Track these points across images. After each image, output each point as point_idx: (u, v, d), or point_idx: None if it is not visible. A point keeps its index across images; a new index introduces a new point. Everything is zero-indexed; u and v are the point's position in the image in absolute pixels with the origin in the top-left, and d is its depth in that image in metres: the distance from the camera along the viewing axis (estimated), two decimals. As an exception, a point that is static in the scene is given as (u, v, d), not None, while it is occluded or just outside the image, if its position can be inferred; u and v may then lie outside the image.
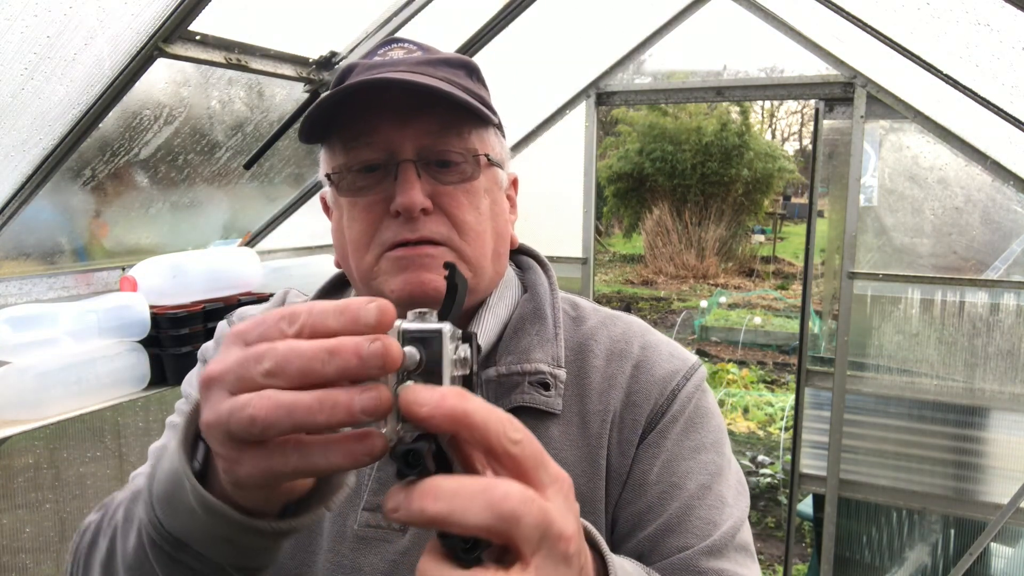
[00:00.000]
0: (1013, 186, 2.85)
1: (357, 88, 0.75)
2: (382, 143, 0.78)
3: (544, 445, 0.79)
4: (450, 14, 2.49)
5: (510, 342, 0.86)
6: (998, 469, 2.99)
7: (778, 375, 9.31)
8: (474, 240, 0.81)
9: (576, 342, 0.89)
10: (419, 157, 0.79)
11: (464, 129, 0.81)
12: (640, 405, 0.84)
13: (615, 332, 0.90)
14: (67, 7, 1.46)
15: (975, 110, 2.45)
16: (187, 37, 1.76)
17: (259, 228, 2.83)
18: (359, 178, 0.80)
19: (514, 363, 0.83)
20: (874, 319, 3.12)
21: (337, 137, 0.81)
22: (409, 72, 0.79)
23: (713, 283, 15.69)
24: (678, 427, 0.84)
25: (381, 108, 0.78)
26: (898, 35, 2.39)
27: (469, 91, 0.82)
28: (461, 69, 0.86)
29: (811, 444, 3.34)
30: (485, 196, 0.83)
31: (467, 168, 0.81)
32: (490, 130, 0.85)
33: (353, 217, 0.81)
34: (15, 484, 2.25)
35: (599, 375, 0.86)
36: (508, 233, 0.89)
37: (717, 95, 3.39)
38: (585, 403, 0.84)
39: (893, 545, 3.26)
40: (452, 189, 0.80)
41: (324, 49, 2.23)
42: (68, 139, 1.78)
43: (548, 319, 0.88)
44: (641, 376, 0.86)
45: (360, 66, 0.85)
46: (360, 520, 0.79)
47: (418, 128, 0.78)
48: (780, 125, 29.85)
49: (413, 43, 0.88)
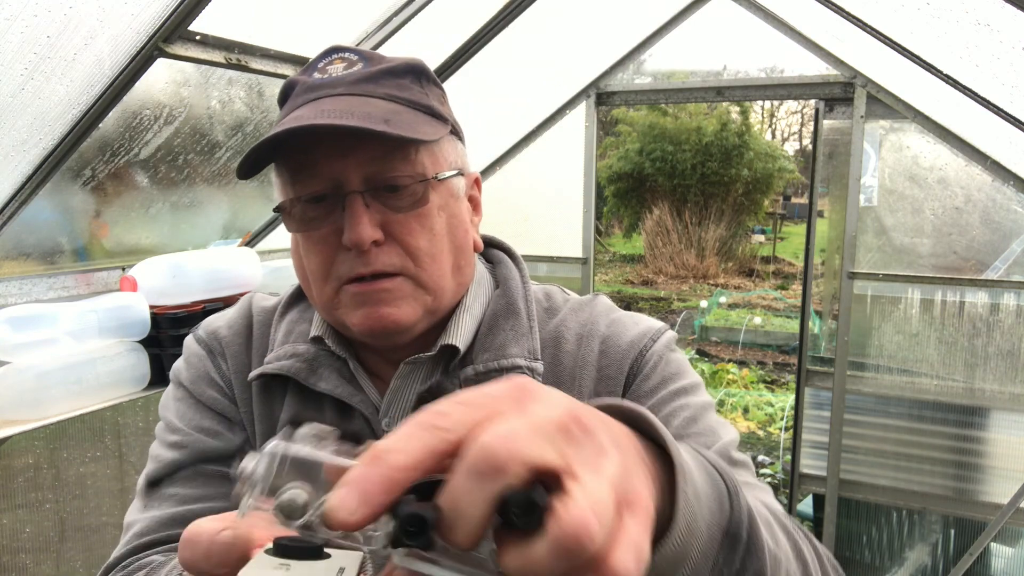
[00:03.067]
0: (1013, 186, 2.85)
1: (287, 135, 0.73)
2: (326, 174, 0.77)
3: None
4: (450, 14, 2.49)
5: (485, 339, 0.85)
6: (998, 469, 2.99)
7: (778, 375, 9.31)
8: (430, 264, 0.80)
9: (549, 333, 0.88)
10: (366, 186, 0.77)
11: (410, 151, 0.78)
12: (614, 377, 0.84)
13: (583, 316, 0.90)
14: (67, 7, 1.46)
15: (975, 110, 2.45)
16: (187, 37, 1.76)
17: (259, 228, 2.83)
18: (308, 209, 0.79)
19: (491, 360, 0.83)
20: (874, 319, 3.12)
21: (284, 167, 0.80)
22: (347, 96, 0.77)
23: (713, 283, 15.69)
24: (652, 382, 0.83)
25: (320, 139, 0.76)
26: (898, 35, 2.39)
27: (413, 102, 0.80)
28: (406, 76, 0.82)
29: (811, 444, 3.34)
30: (440, 214, 0.81)
31: (417, 190, 0.78)
32: (441, 141, 0.82)
33: (308, 250, 0.80)
34: (15, 484, 2.25)
35: (570, 359, 0.86)
36: (469, 242, 0.87)
37: (717, 95, 3.39)
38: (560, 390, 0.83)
39: (893, 545, 3.26)
40: (403, 217, 0.78)
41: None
42: (68, 139, 1.78)
43: (522, 313, 0.88)
44: (609, 350, 0.86)
45: (300, 85, 0.82)
46: None
47: (361, 156, 0.76)
48: (780, 125, 29.85)
49: (355, 52, 0.84)
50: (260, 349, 0.90)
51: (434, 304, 0.82)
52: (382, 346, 0.84)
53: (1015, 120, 2.34)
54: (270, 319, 0.93)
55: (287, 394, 0.86)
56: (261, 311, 0.95)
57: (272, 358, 0.87)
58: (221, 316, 0.96)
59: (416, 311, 0.80)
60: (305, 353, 0.86)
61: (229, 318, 0.95)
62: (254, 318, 0.94)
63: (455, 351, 0.84)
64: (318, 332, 0.87)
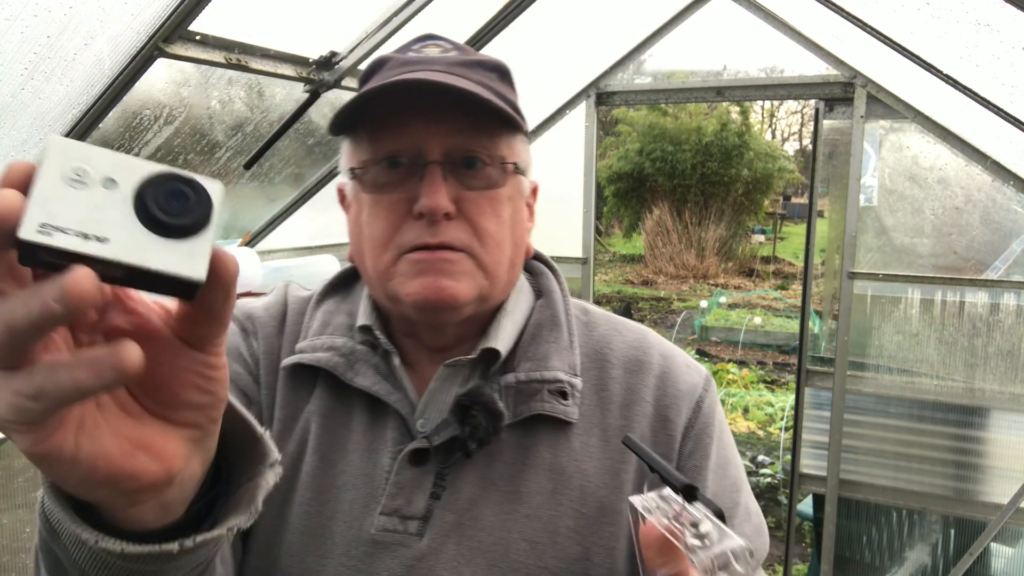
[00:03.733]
0: (1013, 186, 2.85)
1: (391, 87, 0.74)
2: (410, 140, 0.77)
3: (564, 455, 0.81)
4: (450, 14, 2.49)
5: (528, 348, 0.85)
6: (998, 469, 2.99)
7: (778, 375, 9.31)
8: (493, 249, 0.80)
9: (591, 349, 0.88)
10: (446, 159, 0.77)
11: (494, 133, 0.79)
12: (672, 420, 0.84)
13: (630, 339, 0.90)
14: (67, 7, 1.46)
15: (975, 110, 2.45)
16: (187, 37, 1.76)
17: (259, 228, 2.83)
18: (383, 173, 0.79)
19: (533, 370, 0.83)
20: (874, 319, 3.12)
21: (364, 131, 0.80)
22: (443, 72, 0.77)
23: (713, 283, 15.69)
24: (710, 442, 0.85)
25: (412, 106, 0.77)
26: (898, 35, 2.39)
27: (501, 96, 0.81)
28: (494, 72, 0.84)
29: (811, 444, 3.34)
30: (508, 204, 0.81)
31: (493, 174, 0.79)
32: (518, 137, 0.84)
33: (374, 215, 0.79)
34: (15, 484, 2.25)
35: (619, 387, 0.86)
36: (525, 243, 0.88)
37: (717, 95, 3.39)
38: (606, 416, 0.84)
39: (893, 545, 3.26)
40: (476, 195, 0.79)
41: (324, 49, 2.22)
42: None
43: (563, 326, 0.88)
44: (668, 390, 0.86)
45: (393, 60, 0.83)
46: (377, 524, 0.78)
47: (448, 129, 0.77)
48: (780, 125, 29.86)
49: (449, 41, 0.86)
50: (292, 336, 0.89)
51: (488, 290, 0.81)
52: (430, 323, 0.82)
53: (1015, 120, 2.34)
54: (304, 308, 0.92)
55: (317, 386, 0.85)
56: (296, 300, 0.94)
57: (307, 347, 0.86)
58: (257, 300, 0.96)
59: (472, 290, 0.79)
60: (342, 347, 0.85)
61: (266, 302, 0.94)
62: (289, 306, 0.93)
63: (495, 356, 0.83)
64: (367, 321, 0.86)
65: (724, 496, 0.85)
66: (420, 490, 0.79)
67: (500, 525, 0.78)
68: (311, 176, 2.75)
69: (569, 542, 0.79)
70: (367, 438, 0.82)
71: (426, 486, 0.79)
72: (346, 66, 2.24)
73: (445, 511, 0.78)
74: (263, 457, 0.56)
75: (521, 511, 0.79)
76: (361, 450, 0.82)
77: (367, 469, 0.81)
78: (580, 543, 0.79)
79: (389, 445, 0.81)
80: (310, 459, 0.82)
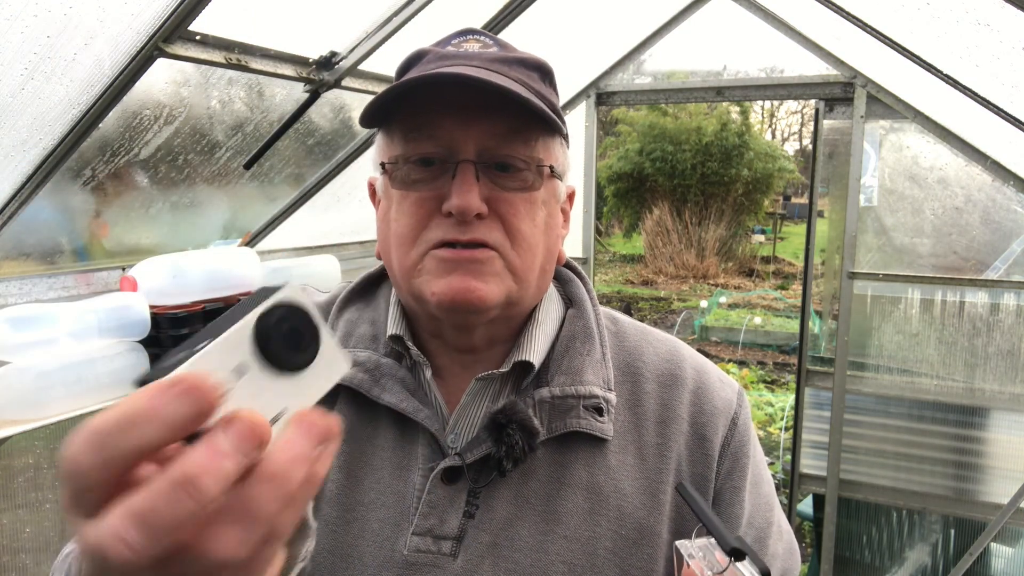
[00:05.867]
0: (1013, 186, 2.85)
1: (428, 80, 0.71)
2: (444, 138, 0.75)
3: (601, 473, 0.79)
4: (450, 14, 2.49)
5: (561, 361, 0.82)
6: (998, 469, 2.99)
7: (778, 375, 9.31)
8: (526, 251, 0.77)
9: (622, 361, 0.86)
10: (480, 159, 0.74)
11: (532, 135, 0.76)
12: (710, 439, 0.82)
13: (662, 351, 0.88)
14: (67, 7, 1.46)
15: (975, 110, 2.45)
16: (187, 37, 1.76)
17: (259, 228, 2.83)
18: (414, 170, 0.76)
19: (568, 384, 0.79)
20: (874, 319, 3.12)
21: (398, 126, 0.78)
22: (483, 69, 0.75)
23: (713, 283, 15.68)
24: (747, 462, 0.84)
25: (448, 102, 0.74)
26: (898, 35, 2.39)
27: (541, 96, 0.79)
28: (536, 71, 0.81)
29: (811, 444, 3.34)
30: (542, 208, 0.79)
31: (529, 176, 0.77)
32: (556, 139, 0.81)
33: (402, 210, 0.77)
34: (15, 484, 2.25)
35: (653, 402, 0.83)
36: (557, 250, 0.84)
37: (717, 95, 3.39)
38: (641, 433, 0.82)
39: (893, 545, 3.26)
40: (510, 196, 0.76)
41: (324, 49, 2.22)
42: (68, 139, 1.78)
43: (596, 339, 0.85)
44: (704, 406, 0.84)
45: (432, 53, 0.81)
46: (410, 545, 0.75)
47: (483, 129, 0.74)
48: (780, 125, 29.86)
49: (489, 37, 0.84)
50: None
51: (517, 294, 0.78)
52: (455, 324, 0.79)
53: (1015, 120, 2.34)
54: (325, 314, 0.88)
55: (338, 401, 0.82)
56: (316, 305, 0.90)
57: None
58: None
59: (500, 293, 0.76)
60: (367, 362, 0.81)
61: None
62: None
63: (527, 369, 0.81)
64: (397, 330, 0.82)
65: (758, 516, 0.84)
66: (453, 509, 0.76)
67: (537, 546, 0.75)
68: (311, 176, 2.75)
69: (607, 565, 0.76)
70: (396, 454, 0.79)
71: (459, 505, 0.76)
72: (346, 66, 2.24)
73: (479, 531, 0.76)
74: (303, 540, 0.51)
75: (559, 532, 0.76)
76: (390, 467, 0.79)
77: (397, 487, 0.78)
78: (618, 565, 0.76)
79: (420, 462, 0.78)
80: (334, 476, 0.79)
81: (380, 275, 0.92)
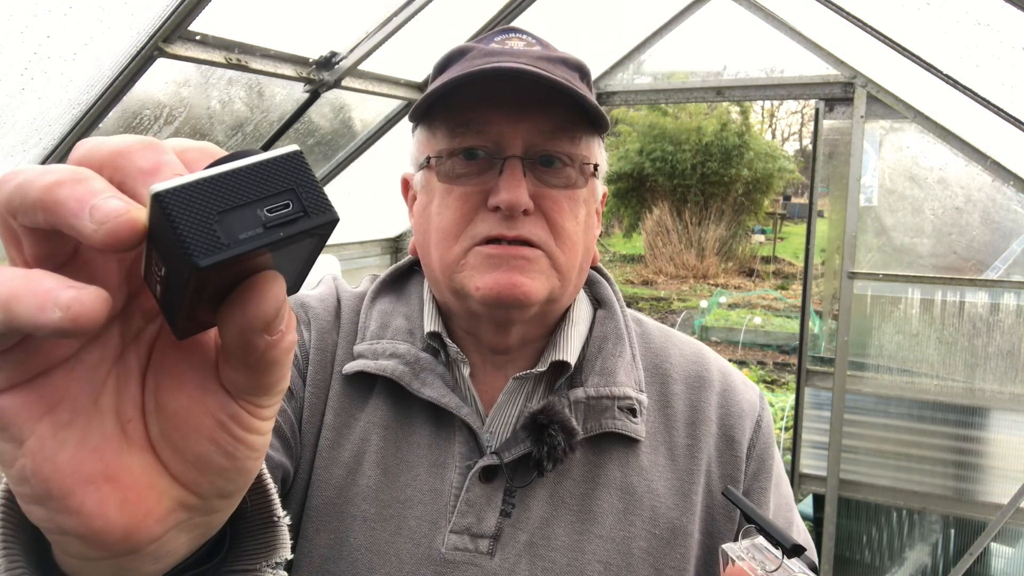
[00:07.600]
0: (1013, 186, 2.85)
1: (493, 72, 0.71)
2: (492, 133, 0.75)
3: (635, 474, 0.80)
4: (450, 15, 2.49)
5: (595, 362, 0.82)
6: (998, 469, 2.99)
7: (778, 375, 9.31)
8: (569, 249, 0.77)
9: (650, 363, 0.87)
10: (527, 155, 0.75)
11: (577, 133, 0.77)
12: (739, 441, 0.84)
13: (687, 352, 0.89)
14: (67, 7, 1.46)
15: (975, 110, 2.45)
16: (187, 37, 1.76)
17: (259, 228, 2.83)
18: (460, 164, 0.76)
19: (602, 385, 0.80)
20: (874, 319, 3.12)
21: (442, 121, 0.77)
22: (530, 66, 0.74)
23: (713, 283, 15.68)
24: (771, 463, 0.85)
25: (496, 98, 0.74)
26: (898, 35, 2.39)
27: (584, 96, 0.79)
28: (576, 71, 0.81)
29: (811, 444, 3.34)
30: (584, 206, 0.79)
31: (573, 174, 0.77)
32: (597, 139, 0.82)
33: (446, 205, 0.76)
34: (15, 484, 2.25)
35: (682, 403, 0.84)
36: (593, 249, 0.85)
37: (717, 95, 3.39)
38: (672, 433, 0.83)
39: (893, 545, 3.26)
40: (555, 193, 0.76)
41: (324, 49, 2.22)
42: (68, 139, 1.78)
43: (626, 340, 0.85)
44: (732, 408, 0.85)
45: (476, 50, 0.80)
46: (448, 543, 0.75)
47: (532, 125, 0.75)
48: (780, 125, 29.87)
49: (532, 36, 0.84)
50: (348, 334, 0.84)
51: (559, 292, 0.78)
52: (496, 319, 0.78)
53: (1015, 120, 2.34)
54: (358, 305, 0.87)
55: (374, 394, 0.81)
56: (349, 295, 0.89)
57: (367, 351, 0.81)
58: (311, 290, 0.91)
59: (545, 290, 0.75)
60: (407, 354, 0.80)
61: (320, 293, 0.89)
62: (342, 301, 0.87)
63: (561, 369, 0.81)
64: (435, 327, 0.81)
65: (780, 515, 0.85)
66: (490, 508, 0.76)
67: (573, 546, 0.76)
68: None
69: (642, 564, 0.77)
70: (432, 451, 0.79)
71: (496, 504, 0.76)
72: (346, 66, 2.24)
73: (516, 530, 0.76)
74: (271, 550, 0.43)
75: (594, 531, 0.77)
76: (427, 464, 0.79)
77: (435, 485, 0.78)
78: (653, 565, 0.77)
79: (457, 460, 0.78)
80: (371, 472, 0.78)
81: (408, 269, 0.92)
